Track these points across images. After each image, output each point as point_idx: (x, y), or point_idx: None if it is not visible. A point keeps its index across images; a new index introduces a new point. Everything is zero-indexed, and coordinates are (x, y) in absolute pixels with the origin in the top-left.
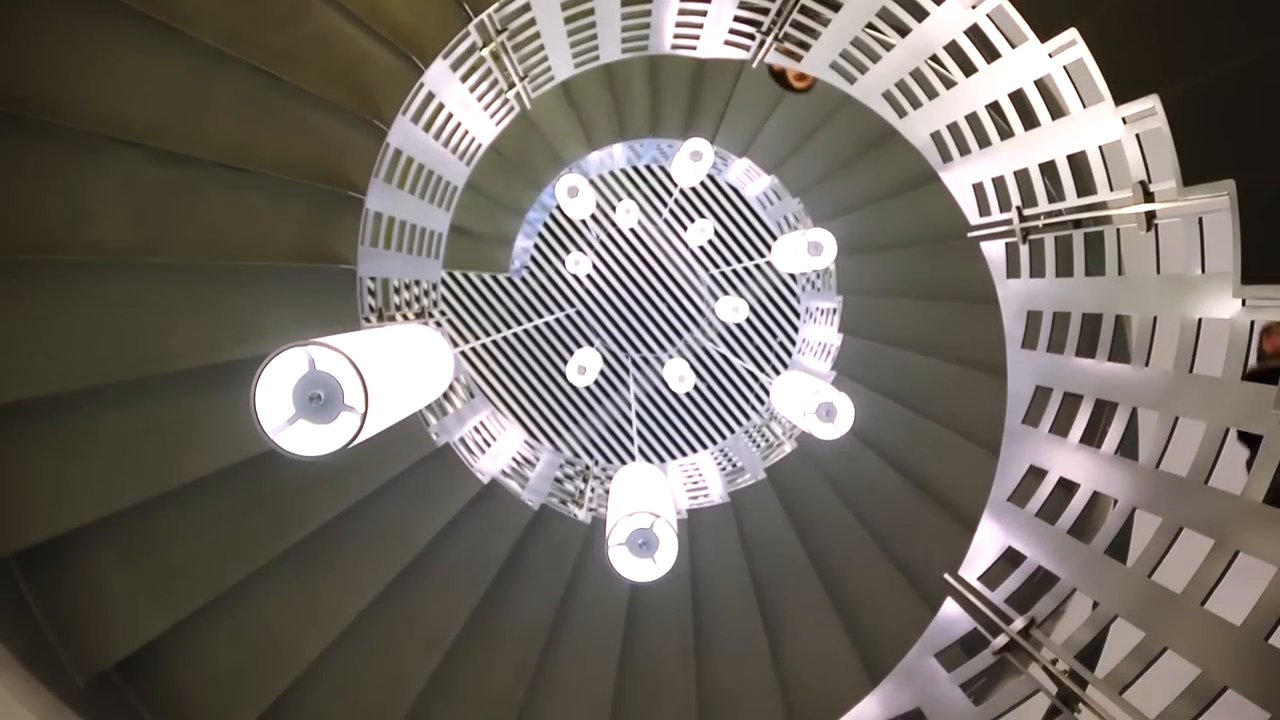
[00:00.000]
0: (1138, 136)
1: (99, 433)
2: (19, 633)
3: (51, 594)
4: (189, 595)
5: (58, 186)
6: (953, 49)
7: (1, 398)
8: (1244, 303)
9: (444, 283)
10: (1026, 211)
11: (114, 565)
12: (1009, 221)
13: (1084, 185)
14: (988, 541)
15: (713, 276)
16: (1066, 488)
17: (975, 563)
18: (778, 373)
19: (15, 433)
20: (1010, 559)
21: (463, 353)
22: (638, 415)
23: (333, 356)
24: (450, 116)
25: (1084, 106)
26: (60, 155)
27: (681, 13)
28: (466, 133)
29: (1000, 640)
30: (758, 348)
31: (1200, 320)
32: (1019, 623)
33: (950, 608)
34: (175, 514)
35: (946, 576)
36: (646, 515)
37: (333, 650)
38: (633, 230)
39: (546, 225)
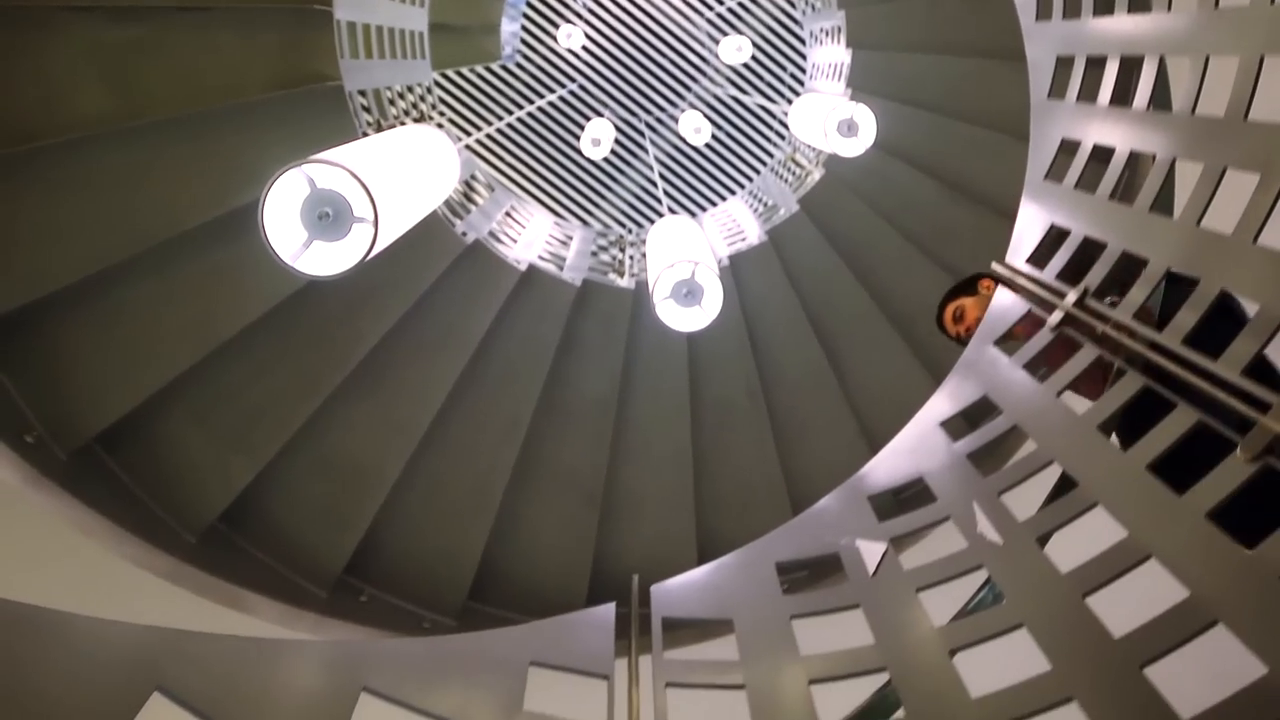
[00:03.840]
0: None
1: (139, 306)
2: (124, 507)
3: (141, 467)
4: (267, 440)
5: (24, 71)
6: None
7: (37, 292)
8: None
9: (440, 85)
10: None
11: (190, 427)
12: None
13: None
14: (1029, 225)
15: (709, 20)
16: (1102, 157)
17: (1020, 249)
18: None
19: (62, 323)
20: (1054, 239)
21: (469, 147)
22: (661, 176)
23: (331, 172)
24: None
25: None
26: (16, 37)
27: None
28: None
29: (1056, 316)
30: (768, 84)
31: None
32: (1072, 296)
33: (1002, 297)
34: (233, 367)
35: (994, 266)
36: (686, 264)
37: (414, 462)
38: None
39: (529, 4)
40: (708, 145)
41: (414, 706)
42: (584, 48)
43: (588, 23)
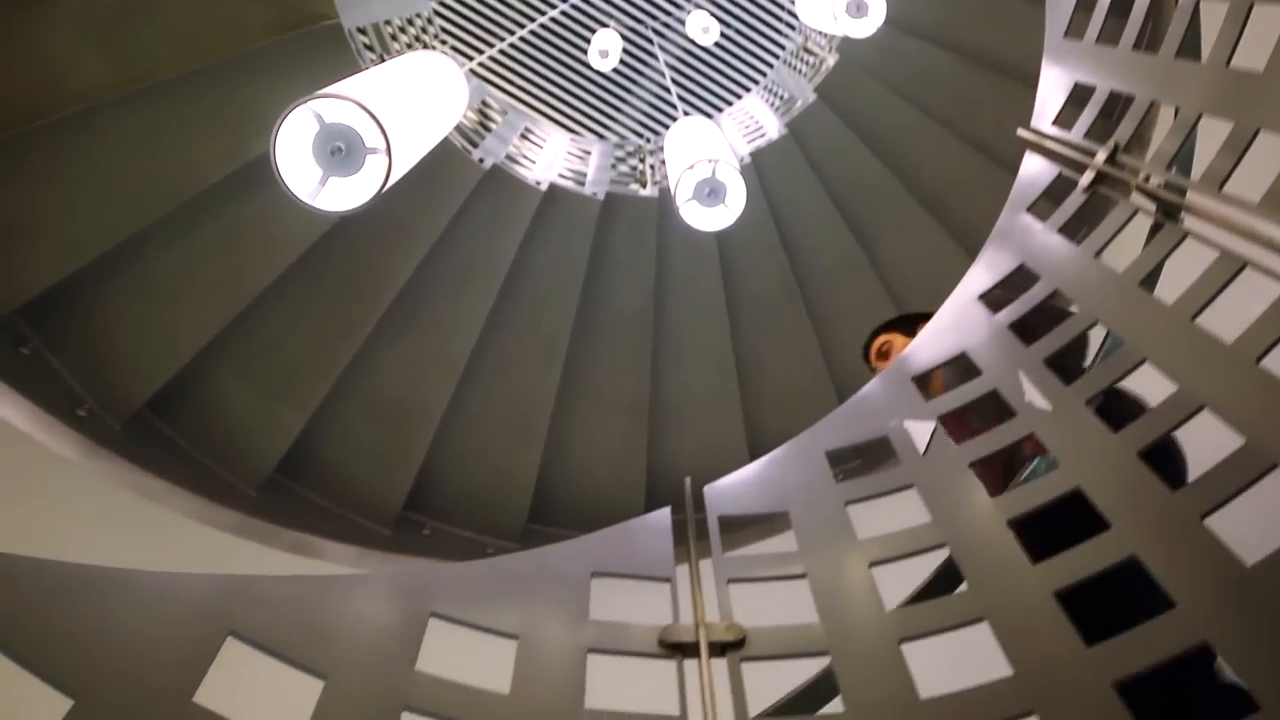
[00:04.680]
0: None
1: (171, 269)
2: (182, 468)
3: (193, 428)
4: (311, 387)
5: (21, 49)
6: None
7: (68, 268)
8: None
9: (440, 15)
10: None
11: (235, 383)
12: None
13: None
14: (1052, 87)
15: None
16: (1121, 10)
17: (1045, 113)
18: None
19: (97, 295)
20: (1079, 99)
21: (476, 73)
22: (674, 81)
23: (338, 105)
24: None
25: None
26: (9, 17)
27: None
28: None
29: (1088, 176)
30: None
31: None
32: (1102, 153)
33: (1031, 163)
34: (270, 319)
35: (1020, 132)
36: (706, 164)
37: (459, 395)
38: None
39: None
40: (717, 44)
41: (482, 626)
42: None
43: None
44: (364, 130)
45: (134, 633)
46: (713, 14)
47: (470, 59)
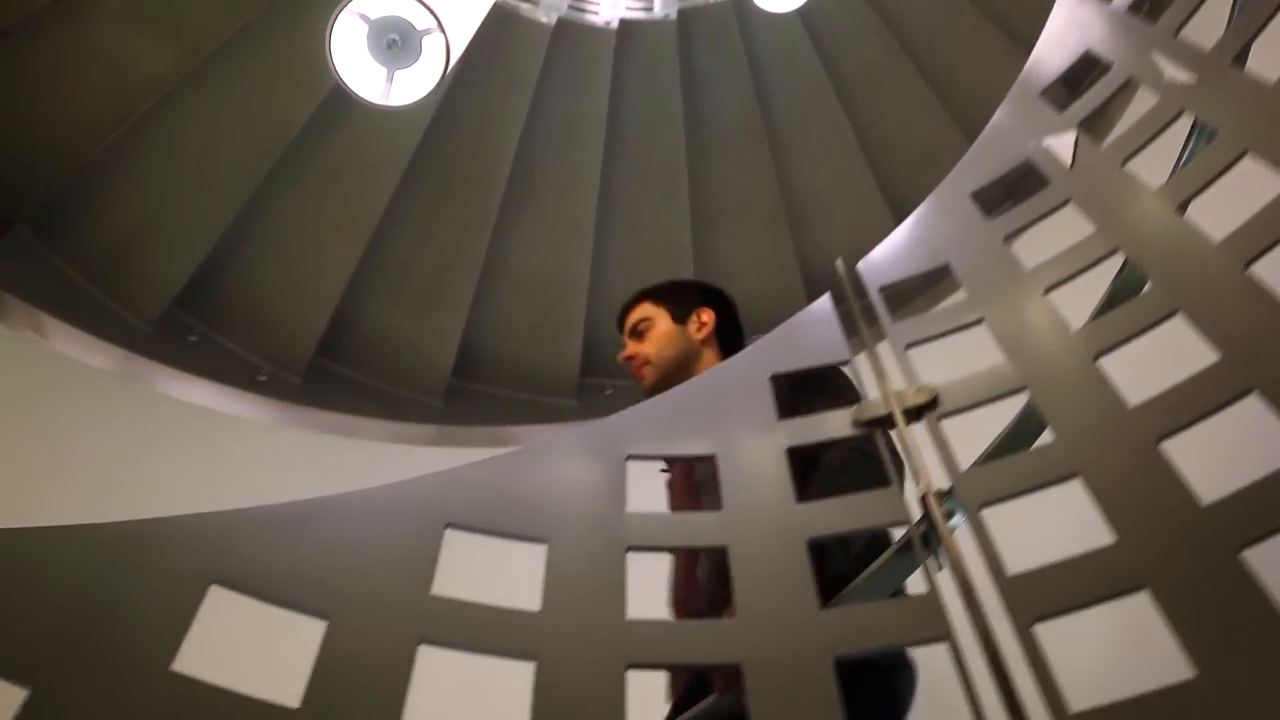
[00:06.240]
0: None
1: (293, 222)
2: (365, 398)
3: (364, 359)
4: (459, 287)
5: (89, 58)
6: None
7: (206, 247)
8: None
9: None
10: None
11: (390, 307)
12: None
13: None
14: None
15: None
16: None
17: None
18: None
19: (239, 265)
20: None
21: None
22: None
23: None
24: None
25: None
26: (64, 33)
27: None
28: None
29: None
30: None
31: None
32: None
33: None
34: (399, 237)
35: None
36: None
37: (599, 253)
38: None
39: None
40: None
41: (680, 456)
42: None
43: None
44: (412, 15)
45: (362, 545)
46: None
47: None
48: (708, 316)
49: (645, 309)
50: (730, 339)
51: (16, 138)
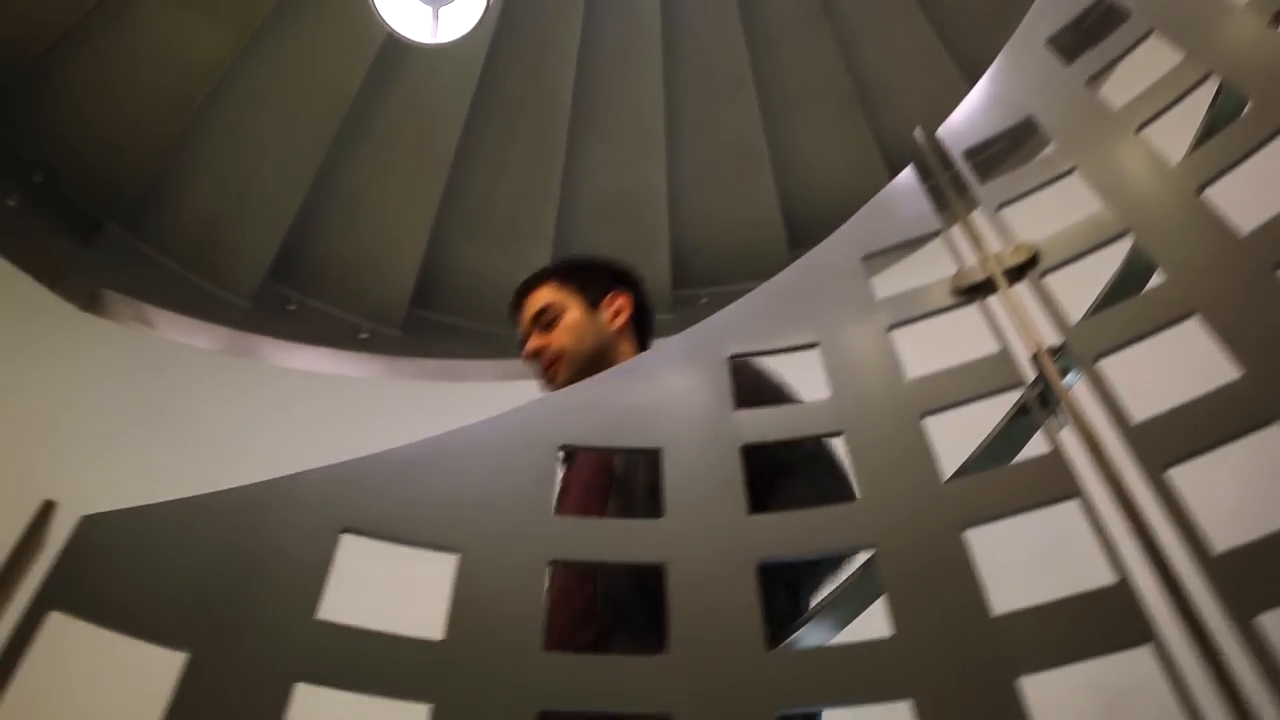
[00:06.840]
0: None
1: (367, 177)
2: (465, 342)
3: (460, 304)
4: (540, 217)
5: (153, 45)
6: None
7: (286, 218)
8: None
9: None
10: None
11: (474, 246)
12: None
13: None
14: None
15: None
16: None
17: None
18: None
19: (318, 230)
20: None
21: None
22: None
23: None
24: None
25: None
26: (104, 46)
27: None
28: None
29: None
30: None
31: None
32: None
33: None
34: (472, 176)
35: None
36: None
37: (672, 166)
38: None
39: None
40: None
41: (781, 348)
42: None
43: None
44: None
45: (482, 476)
46: None
47: None
48: (623, 303)
49: (550, 293)
50: (644, 327)
51: (92, 144)
